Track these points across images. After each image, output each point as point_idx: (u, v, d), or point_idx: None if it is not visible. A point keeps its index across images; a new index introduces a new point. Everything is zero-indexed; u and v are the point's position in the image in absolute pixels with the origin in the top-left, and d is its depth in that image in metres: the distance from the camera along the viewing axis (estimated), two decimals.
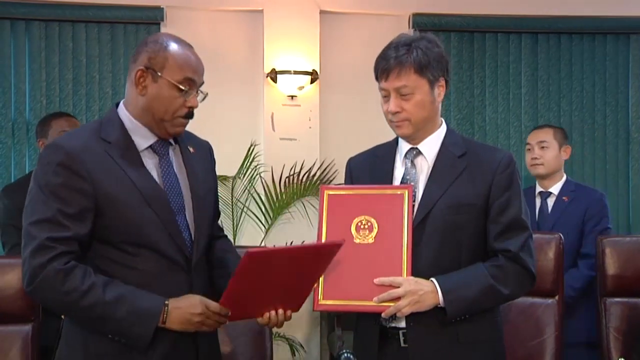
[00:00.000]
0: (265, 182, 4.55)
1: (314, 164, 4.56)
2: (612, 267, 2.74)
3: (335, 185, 2.22)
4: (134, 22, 4.55)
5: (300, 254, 1.81)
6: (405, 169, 1.99)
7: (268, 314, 1.84)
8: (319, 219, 1.93)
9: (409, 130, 1.96)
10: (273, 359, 2.68)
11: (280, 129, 4.60)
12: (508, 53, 4.84)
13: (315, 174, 4.55)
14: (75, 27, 4.51)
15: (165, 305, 1.76)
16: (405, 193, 1.88)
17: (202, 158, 2.01)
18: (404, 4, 4.74)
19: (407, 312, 1.82)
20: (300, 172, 4.53)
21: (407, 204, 1.87)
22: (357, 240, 1.88)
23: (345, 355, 1.84)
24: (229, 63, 4.62)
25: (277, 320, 1.85)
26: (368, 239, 1.88)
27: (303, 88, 4.54)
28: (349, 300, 1.86)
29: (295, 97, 4.56)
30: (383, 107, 1.97)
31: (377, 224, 1.88)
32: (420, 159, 2.00)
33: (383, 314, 1.83)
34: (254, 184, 4.54)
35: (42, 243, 1.71)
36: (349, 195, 1.95)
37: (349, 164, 2.14)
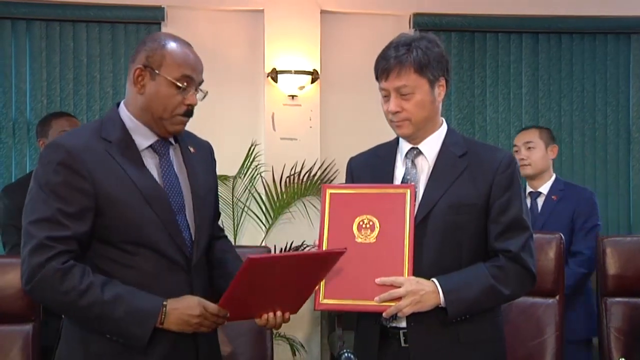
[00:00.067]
0: (266, 181, 4.56)
1: (315, 164, 4.56)
2: (612, 267, 2.74)
3: (338, 184, 2.21)
4: (135, 22, 4.56)
5: (301, 261, 1.81)
6: (406, 169, 1.99)
7: (266, 316, 1.84)
8: (321, 218, 1.92)
9: (409, 130, 1.96)
10: (273, 359, 2.68)
11: (281, 129, 4.60)
12: (509, 53, 4.84)
13: (316, 174, 4.55)
14: (76, 26, 4.52)
15: (164, 306, 1.76)
16: (407, 192, 1.88)
17: (202, 158, 2.01)
18: (405, 4, 4.74)
19: (408, 312, 1.82)
20: (301, 171, 4.53)
21: (409, 204, 1.86)
22: (358, 240, 1.87)
23: (346, 355, 1.84)
24: (230, 63, 4.63)
25: (275, 322, 1.85)
26: (370, 239, 1.87)
27: (304, 88, 4.54)
28: (350, 300, 1.85)
29: (296, 96, 4.57)
30: (383, 107, 1.97)
31: (379, 224, 1.88)
32: (421, 159, 1.99)
33: (384, 314, 1.83)
34: (255, 184, 4.54)
35: (41, 242, 1.71)
36: (351, 194, 1.94)
37: (350, 164, 2.14)
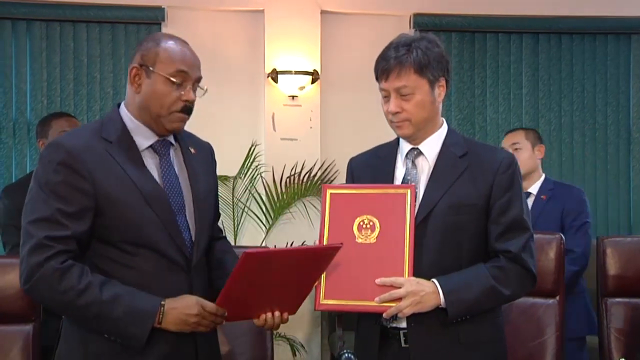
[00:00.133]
0: (266, 182, 4.56)
1: (315, 164, 4.56)
2: (613, 267, 2.73)
3: (338, 185, 2.21)
4: (135, 22, 4.57)
5: (298, 256, 1.81)
6: (406, 169, 1.99)
7: (264, 316, 1.83)
8: (321, 218, 1.92)
9: (410, 131, 1.95)
10: (273, 359, 2.68)
11: (281, 129, 4.60)
12: (509, 53, 4.84)
13: (316, 174, 4.55)
14: (77, 27, 4.52)
15: (162, 306, 1.76)
16: (408, 192, 1.87)
17: (203, 159, 2.01)
18: (405, 4, 4.75)
19: (408, 312, 1.82)
20: (301, 172, 4.54)
21: (409, 204, 1.86)
22: (359, 240, 1.87)
23: (346, 356, 1.84)
24: (230, 63, 4.63)
25: (273, 322, 1.84)
26: (370, 239, 1.87)
27: (304, 88, 4.54)
28: (351, 300, 1.85)
29: (296, 97, 4.57)
30: (383, 107, 1.97)
31: (379, 224, 1.87)
32: (421, 159, 1.99)
33: (384, 315, 1.83)
34: (255, 184, 4.54)
35: (40, 242, 1.71)
36: (352, 195, 1.94)
37: (350, 164, 2.13)
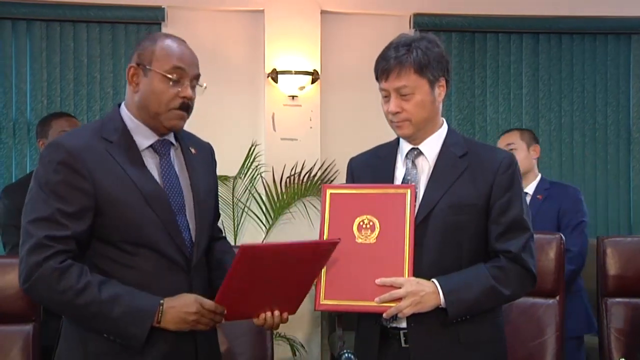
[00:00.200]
0: (266, 182, 4.56)
1: (315, 164, 4.56)
2: (613, 267, 2.74)
3: (338, 185, 2.21)
4: (135, 22, 4.57)
5: (296, 251, 1.79)
6: (406, 169, 1.99)
7: (264, 315, 1.83)
8: (321, 218, 1.92)
9: (410, 131, 1.95)
10: (273, 359, 2.68)
11: (281, 129, 4.60)
12: (509, 53, 4.84)
13: (316, 174, 4.55)
14: (77, 27, 4.52)
15: (160, 305, 1.75)
16: (408, 192, 1.87)
17: (203, 159, 2.01)
18: (405, 4, 4.74)
19: (408, 312, 1.82)
20: (301, 172, 4.53)
21: (409, 204, 1.86)
22: (359, 240, 1.87)
23: (346, 356, 1.83)
24: (230, 63, 4.63)
25: (272, 322, 1.84)
26: (370, 239, 1.87)
27: (304, 88, 4.54)
28: (350, 301, 1.85)
29: (296, 97, 4.57)
30: (383, 107, 1.97)
31: (379, 224, 1.87)
32: (421, 159, 1.99)
33: (384, 315, 1.83)
34: (255, 184, 4.54)
35: (39, 241, 1.71)
36: (352, 195, 1.94)
37: (351, 164, 2.13)
